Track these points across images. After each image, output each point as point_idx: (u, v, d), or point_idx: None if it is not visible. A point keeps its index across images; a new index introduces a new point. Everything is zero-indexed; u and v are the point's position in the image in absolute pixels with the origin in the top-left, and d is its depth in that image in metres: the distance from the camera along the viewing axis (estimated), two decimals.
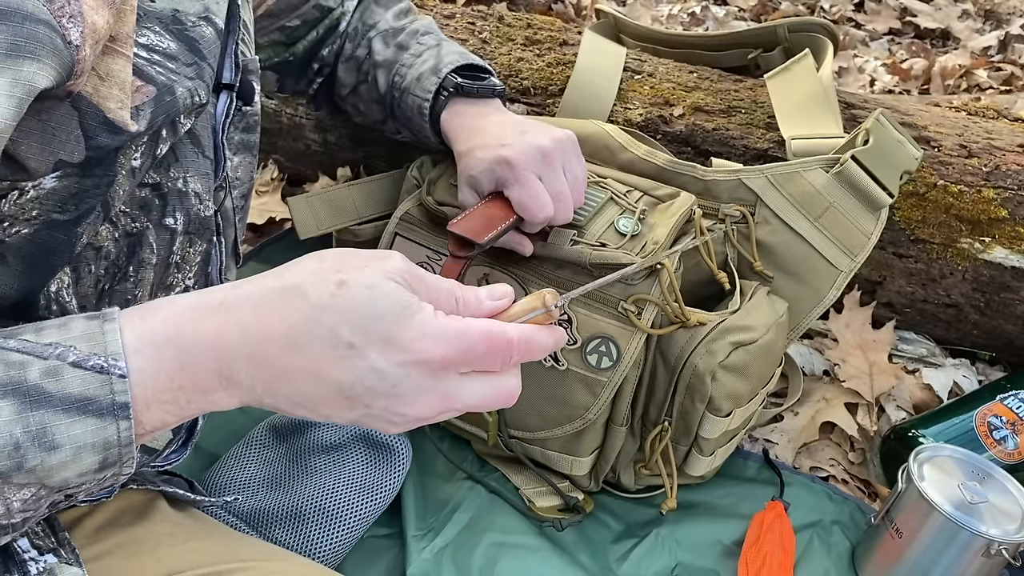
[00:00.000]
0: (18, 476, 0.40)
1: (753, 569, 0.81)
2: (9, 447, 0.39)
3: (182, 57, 0.51)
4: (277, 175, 1.31)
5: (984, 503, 0.77)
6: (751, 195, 0.87)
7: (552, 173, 0.75)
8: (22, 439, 0.39)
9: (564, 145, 0.78)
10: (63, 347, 0.41)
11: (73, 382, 0.40)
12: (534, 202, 0.74)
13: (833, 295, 0.88)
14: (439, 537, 0.82)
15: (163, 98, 0.49)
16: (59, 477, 0.41)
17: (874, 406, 1.00)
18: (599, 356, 0.77)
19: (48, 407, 0.40)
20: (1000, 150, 0.99)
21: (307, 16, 0.89)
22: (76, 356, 0.41)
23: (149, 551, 0.62)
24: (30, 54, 0.39)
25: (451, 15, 1.18)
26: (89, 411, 0.40)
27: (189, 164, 0.57)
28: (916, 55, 2.02)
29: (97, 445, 0.41)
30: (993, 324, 1.03)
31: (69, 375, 0.40)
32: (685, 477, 0.86)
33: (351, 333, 0.42)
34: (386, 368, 0.42)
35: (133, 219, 0.54)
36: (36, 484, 0.40)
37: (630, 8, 2.14)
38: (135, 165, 0.51)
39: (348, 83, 0.93)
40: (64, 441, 0.40)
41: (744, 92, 1.05)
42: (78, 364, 0.41)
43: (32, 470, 0.40)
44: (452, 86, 0.84)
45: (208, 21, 0.54)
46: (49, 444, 0.40)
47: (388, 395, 0.43)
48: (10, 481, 0.40)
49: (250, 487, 0.82)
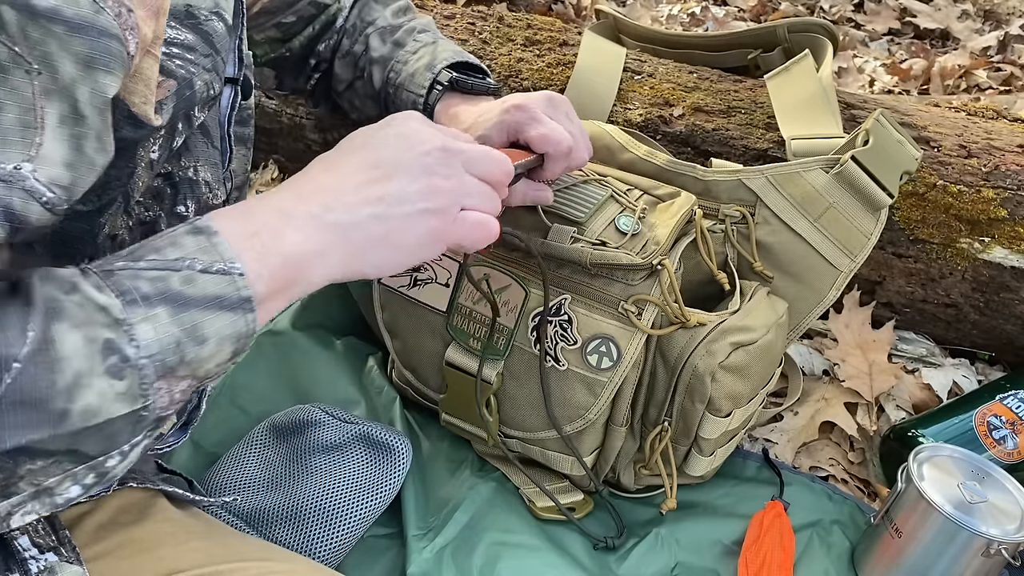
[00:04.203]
0: (181, 369, 0.46)
1: (753, 569, 0.81)
2: (172, 344, 0.45)
3: (200, 48, 0.53)
4: (277, 175, 1.31)
5: (984, 503, 0.77)
6: (751, 195, 0.87)
7: (561, 116, 0.75)
8: (180, 336, 0.45)
9: (564, 99, 0.78)
10: (189, 259, 0.47)
11: (207, 285, 0.46)
12: (555, 133, 0.72)
13: (833, 295, 0.88)
14: (439, 537, 0.82)
15: (183, 92, 0.51)
16: (205, 368, 0.47)
17: (874, 406, 1.01)
18: (599, 356, 0.77)
19: (193, 307, 0.46)
20: (999, 150, 0.99)
21: (303, 12, 0.89)
22: (201, 265, 0.47)
23: (149, 550, 0.62)
24: (105, 67, 0.43)
25: (451, 15, 1.18)
26: (224, 307, 0.47)
27: (199, 154, 0.59)
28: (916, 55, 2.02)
29: (233, 336, 0.48)
30: (992, 324, 1.03)
31: (202, 280, 0.46)
32: (685, 477, 0.87)
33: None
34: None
35: (147, 208, 0.56)
36: (190, 376, 0.47)
37: (630, 8, 2.14)
38: (153, 157, 0.53)
39: (344, 79, 0.93)
40: (211, 334, 0.46)
41: (744, 92, 1.05)
42: (205, 270, 0.47)
43: (189, 363, 0.46)
44: (447, 80, 0.84)
45: (218, 16, 0.55)
46: (200, 338, 0.46)
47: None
48: (175, 374, 0.46)
49: (250, 487, 0.82)
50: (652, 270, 0.76)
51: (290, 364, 0.98)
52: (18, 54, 0.40)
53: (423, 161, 0.55)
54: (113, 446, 0.46)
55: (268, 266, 0.49)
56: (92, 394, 0.43)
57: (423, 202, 0.54)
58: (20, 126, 0.41)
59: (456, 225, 0.56)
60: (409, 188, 0.54)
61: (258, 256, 0.48)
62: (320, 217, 0.51)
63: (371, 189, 0.53)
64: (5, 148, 0.40)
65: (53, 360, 0.42)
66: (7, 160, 0.40)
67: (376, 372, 0.98)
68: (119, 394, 0.44)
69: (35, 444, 0.42)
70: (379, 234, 0.53)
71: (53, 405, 0.42)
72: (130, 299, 0.45)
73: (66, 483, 0.45)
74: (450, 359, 0.84)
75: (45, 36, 0.40)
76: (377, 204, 0.53)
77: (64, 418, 0.42)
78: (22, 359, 0.41)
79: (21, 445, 0.41)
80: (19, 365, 0.41)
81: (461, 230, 0.56)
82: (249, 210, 0.51)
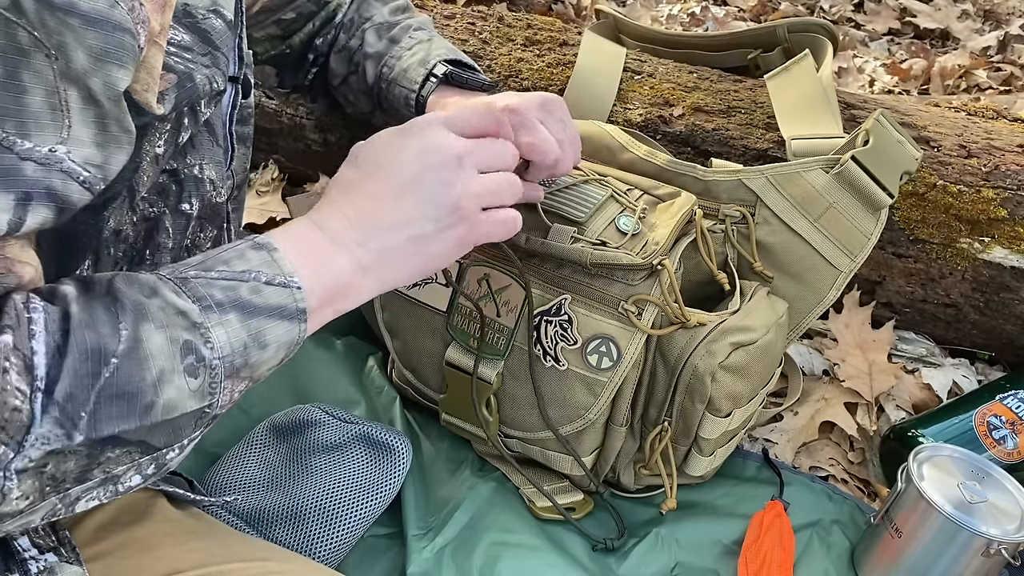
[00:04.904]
0: (244, 371, 0.50)
1: (752, 569, 0.81)
2: (240, 347, 0.50)
3: (197, 48, 0.54)
4: (277, 175, 1.31)
5: (983, 503, 0.77)
6: (751, 195, 0.87)
7: (554, 120, 0.75)
8: (247, 340, 0.50)
9: (558, 100, 0.77)
10: (255, 271, 0.51)
11: (270, 296, 0.51)
12: (544, 143, 0.72)
13: (833, 295, 0.88)
14: (439, 536, 0.82)
15: (184, 84, 0.52)
16: (260, 371, 0.52)
17: (873, 406, 1.01)
18: (599, 356, 0.77)
19: (259, 315, 0.50)
20: (999, 150, 0.99)
21: (303, 9, 0.90)
22: (266, 277, 0.51)
23: (150, 550, 0.62)
24: (118, 60, 0.44)
25: (451, 15, 1.18)
26: (284, 316, 0.51)
27: (205, 152, 0.60)
28: (916, 55, 2.02)
29: (288, 343, 0.52)
30: (992, 324, 1.03)
31: (266, 291, 0.51)
32: (685, 477, 0.87)
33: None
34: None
35: (151, 204, 0.57)
36: (248, 378, 0.51)
37: (630, 8, 2.14)
38: (159, 152, 0.54)
39: (339, 73, 0.93)
40: (271, 340, 0.51)
41: (744, 92, 1.05)
42: (269, 282, 0.51)
43: (252, 365, 0.51)
44: (441, 74, 0.84)
45: (217, 13, 0.56)
46: (263, 343, 0.51)
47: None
48: (239, 375, 0.50)
49: (250, 487, 0.82)
50: (652, 270, 0.76)
51: (290, 364, 0.97)
52: (37, 39, 0.41)
53: (443, 177, 0.59)
54: (177, 439, 0.49)
55: (321, 283, 0.54)
56: (172, 390, 0.47)
57: (448, 217, 0.58)
58: (48, 109, 0.42)
59: (480, 226, 0.61)
60: (435, 207, 0.58)
61: (313, 274, 0.53)
62: (363, 244, 0.56)
63: (402, 213, 0.58)
64: (40, 131, 0.42)
65: (143, 358, 0.46)
66: (43, 143, 0.42)
67: (376, 372, 0.98)
68: (192, 391, 0.48)
69: (123, 434, 0.45)
70: (414, 251, 0.58)
71: (143, 399, 0.46)
72: (206, 305, 0.49)
73: (130, 472, 0.48)
74: (450, 359, 0.84)
75: (61, 27, 0.41)
76: (409, 227, 0.58)
77: (149, 411, 0.46)
78: (119, 355, 0.45)
79: (113, 434, 0.45)
80: (116, 360, 0.45)
81: (486, 229, 0.61)
82: (301, 233, 0.56)
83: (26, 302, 0.44)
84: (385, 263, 0.57)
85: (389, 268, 0.58)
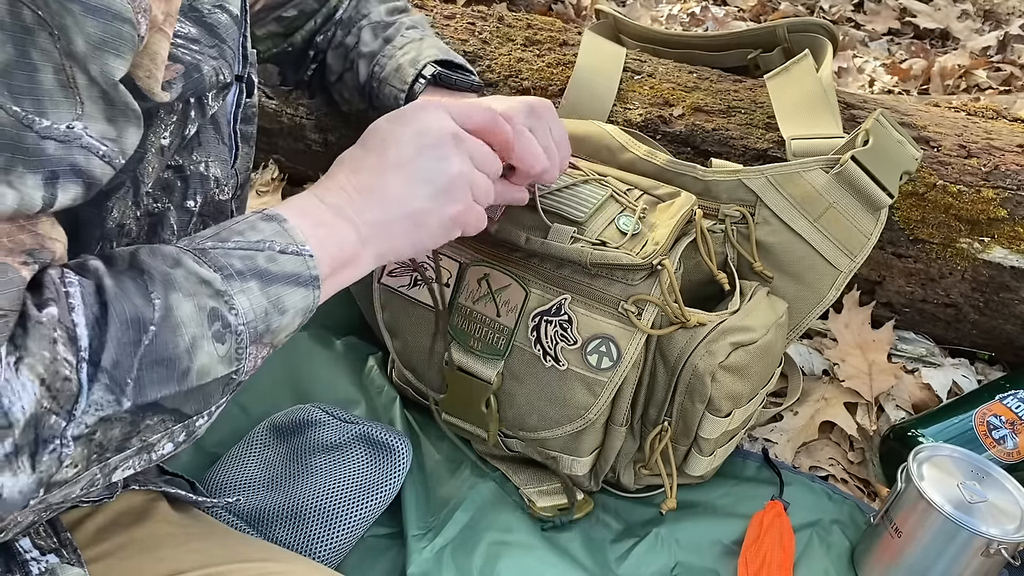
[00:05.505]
0: (266, 336, 0.52)
1: (752, 568, 0.81)
2: (262, 313, 0.51)
3: (204, 40, 0.54)
4: (277, 175, 1.31)
5: (983, 502, 0.77)
6: (751, 195, 0.87)
7: (542, 128, 0.75)
8: (268, 307, 0.52)
9: (546, 105, 0.77)
10: (268, 240, 0.53)
11: (285, 264, 0.53)
12: (529, 153, 0.72)
13: (833, 295, 0.88)
14: (439, 536, 0.82)
15: (191, 74, 0.53)
16: (279, 337, 0.53)
17: (873, 405, 1.01)
18: (599, 356, 0.77)
19: (277, 282, 0.52)
20: (999, 150, 1.00)
21: (304, 6, 0.90)
22: (280, 246, 0.53)
23: (150, 551, 0.62)
24: (115, 50, 0.44)
25: (451, 15, 1.18)
26: (299, 283, 0.53)
27: (211, 149, 0.60)
28: (915, 55, 2.02)
29: (304, 309, 0.54)
30: (992, 324, 1.03)
31: (282, 260, 0.53)
32: (685, 477, 0.87)
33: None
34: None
35: (155, 199, 0.58)
36: (269, 344, 0.53)
37: (630, 8, 2.14)
38: (164, 143, 0.54)
39: (336, 70, 0.94)
40: (289, 306, 0.53)
41: (744, 92, 1.05)
42: (283, 251, 0.53)
43: (273, 331, 0.52)
44: (430, 75, 0.85)
45: (223, 8, 0.56)
46: (282, 309, 0.52)
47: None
48: (262, 341, 0.52)
49: (250, 487, 0.82)
50: (652, 270, 0.76)
51: (290, 364, 0.98)
52: (41, 17, 0.41)
53: (441, 153, 0.61)
54: (206, 406, 0.51)
55: (328, 252, 0.56)
56: (204, 356, 0.48)
57: (444, 193, 0.61)
58: (59, 86, 0.42)
59: (471, 210, 0.64)
60: (432, 182, 0.61)
61: (320, 244, 0.55)
62: (363, 216, 0.59)
63: (400, 187, 0.60)
64: (56, 108, 0.42)
65: (175, 325, 0.47)
66: (60, 120, 0.43)
67: (376, 372, 0.98)
68: (221, 357, 0.50)
69: (162, 400, 0.47)
70: (413, 225, 0.61)
71: (180, 365, 0.47)
72: (227, 273, 0.50)
73: (164, 440, 0.50)
74: (450, 359, 0.84)
75: (62, 10, 0.41)
76: (407, 202, 0.60)
77: (186, 376, 0.48)
78: (156, 323, 0.46)
79: (156, 400, 0.47)
80: (154, 328, 0.46)
81: (473, 215, 0.64)
82: (305, 206, 0.58)
83: (61, 276, 0.45)
84: (383, 235, 0.60)
85: (387, 240, 0.60)
